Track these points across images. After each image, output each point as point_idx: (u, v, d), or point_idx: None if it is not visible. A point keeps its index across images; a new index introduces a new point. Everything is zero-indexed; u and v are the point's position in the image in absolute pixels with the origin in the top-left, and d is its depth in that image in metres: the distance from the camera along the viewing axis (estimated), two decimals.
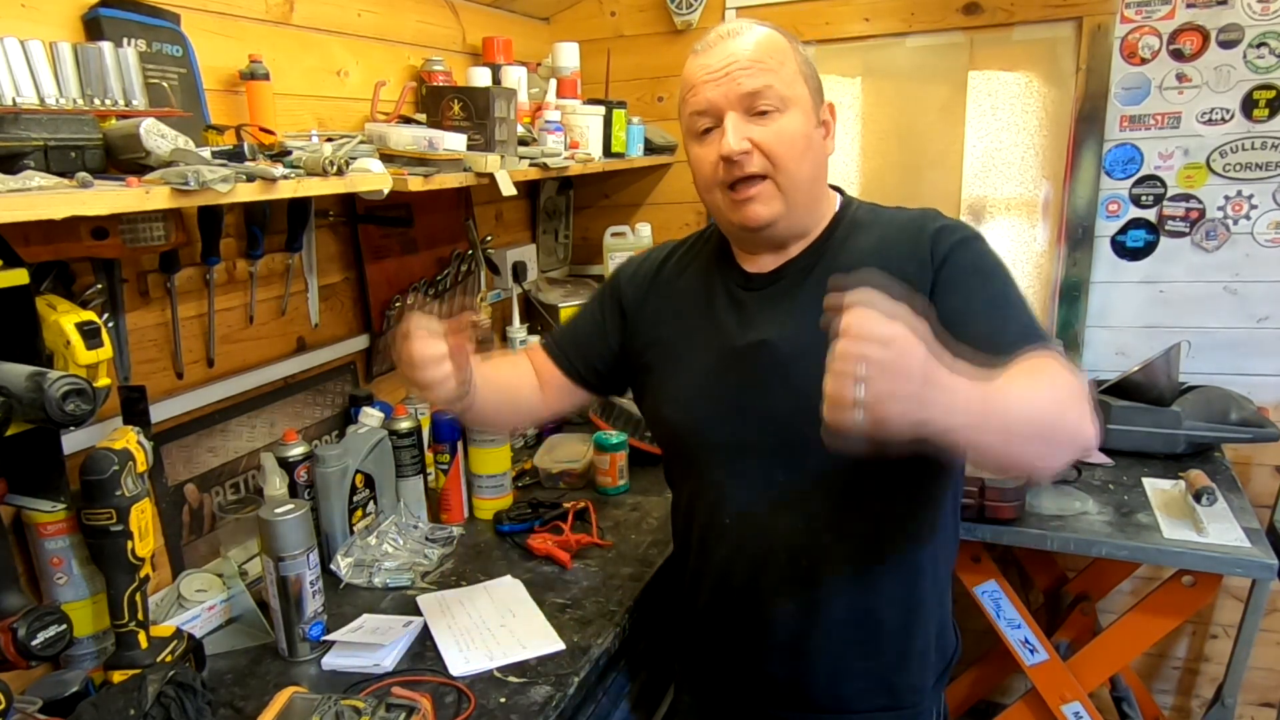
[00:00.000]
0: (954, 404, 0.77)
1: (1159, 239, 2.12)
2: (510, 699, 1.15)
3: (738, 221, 1.09)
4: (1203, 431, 1.87)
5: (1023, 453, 0.86)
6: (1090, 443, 0.89)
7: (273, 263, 1.56)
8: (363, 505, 1.56)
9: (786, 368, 1.07)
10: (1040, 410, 0.85)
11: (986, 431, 0.81)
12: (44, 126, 0.96)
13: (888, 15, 2.21)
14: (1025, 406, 0.84)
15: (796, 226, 1.11)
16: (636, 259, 1.32)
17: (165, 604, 1.31)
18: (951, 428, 0.78)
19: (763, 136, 1.04)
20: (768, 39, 1.06)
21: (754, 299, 1.14)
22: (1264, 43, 1.95)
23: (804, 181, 1.07)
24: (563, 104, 2.03)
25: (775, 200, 1.06)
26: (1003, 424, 0.82)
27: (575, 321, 1.34)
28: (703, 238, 1.27)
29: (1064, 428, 0.87)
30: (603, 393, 1.34)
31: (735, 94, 1.03)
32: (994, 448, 0.84)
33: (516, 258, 2.31)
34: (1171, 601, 1.63)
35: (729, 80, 1.04)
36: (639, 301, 1.25)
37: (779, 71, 1.04)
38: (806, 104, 1.07)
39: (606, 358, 1.28)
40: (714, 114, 1.06)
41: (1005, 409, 0.82)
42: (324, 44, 1.64)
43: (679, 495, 1.26)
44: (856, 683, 1.14)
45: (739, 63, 1.04)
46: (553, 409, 1.32)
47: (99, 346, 1.02)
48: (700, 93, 1.06)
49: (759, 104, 1.04)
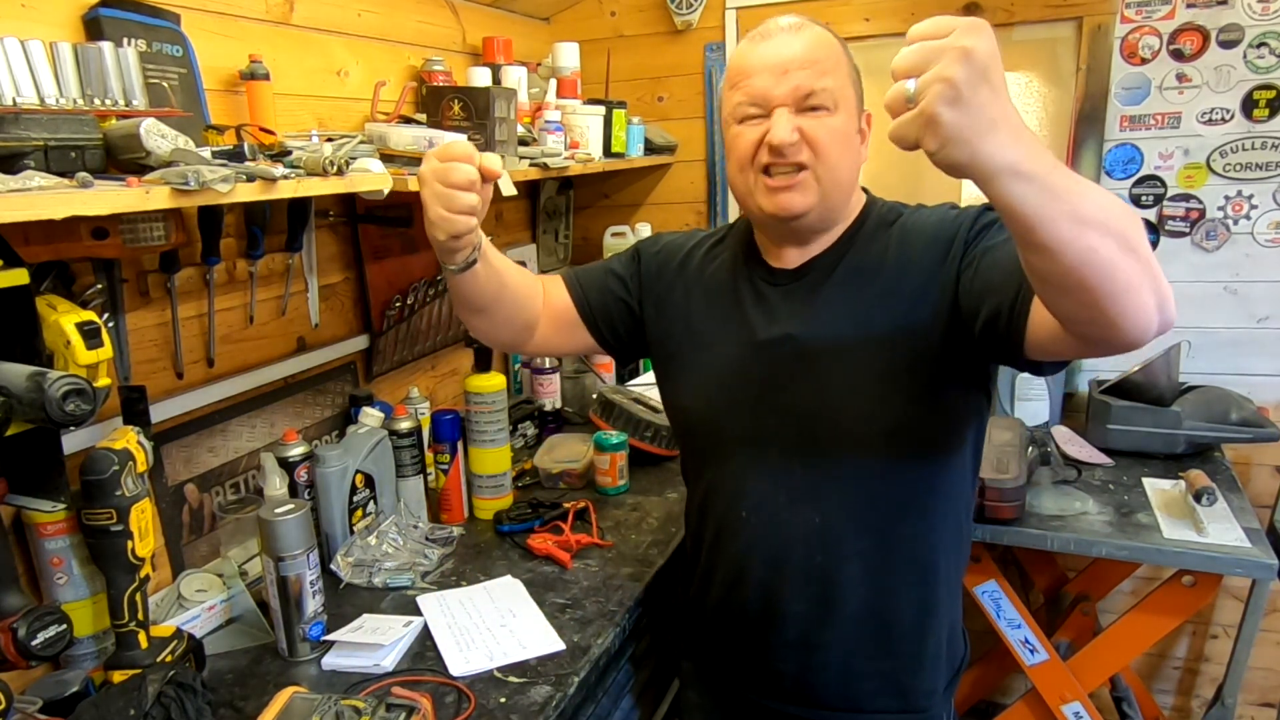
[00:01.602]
0: (1022, 137, 0.68)
1: (1159, 239, 2.12)
2: (510, 699, 1.15)
3: (770, 209, 1.07)
4: (1203, 431, 1.87)
5: (1102, 251, 0.71)
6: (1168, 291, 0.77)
7: (273, 263, 1.56)
8: (363, 505, 1.56)
9: (809, 363, 1.08)
10: (1114, 208, 0.74)
11: (1058, 198, 0.70)
12: (44, 126, 0.96)
13: (888, 15, 2.21)
14: (1099, 193, 0.73)
15: (825, 222, 1.12)
16: (665, 237, 1.32)
17: (165, 604, 1.31)
18: (1020, 166, 0.68)
19: (812, 129, 1.03)
20: (827, 40, 1.07)
21: (779, 294, 1.14)
22: (1264, 43, 1.95)
23: (841, 179, 1.07)
24: (563, 104, 2.03)
25: (811, 192, 1.06)
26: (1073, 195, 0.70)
27: (601, 269, 1.30)
28: (732, 230, 1.27)
29: (1143, 240, 0.75)
30: (604, 345, 1.30)
31: (791, 92, 1.03)
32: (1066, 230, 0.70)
33: (517, 258, 2.29)
34: (1171, 601, 1.63)
35: (787, 77, 1.03)
36: (666, 284, 1.25)
37: (833, 74, 1.05)
38: (853, 108, 1.07)
39: (628, 321, 1.27)
40: (764, 105, 1.05)
41: (1078, 180, 0.72)
42: (324, 44, 1.64)
43: (695, 488, 1.26)
44: (868, 682, 1.14)
45: (799, 60, 1.03)
46: (546, 339, 1.27)
47: (99, 346, 1.02)
48: (755, 82, 1.05)
49: (812, 101, 1.03)
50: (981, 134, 0.66)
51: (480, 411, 1.68)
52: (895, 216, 1.14)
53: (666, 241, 1.30)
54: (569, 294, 1.27)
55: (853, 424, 1.07)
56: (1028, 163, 0.68)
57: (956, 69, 0.65)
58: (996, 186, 0.69)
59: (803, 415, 1.09)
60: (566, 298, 1.27)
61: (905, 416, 1.06)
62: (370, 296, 1.82)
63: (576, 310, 1.26)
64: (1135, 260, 0.73)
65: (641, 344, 1.29)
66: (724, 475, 1.17)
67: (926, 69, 0.67)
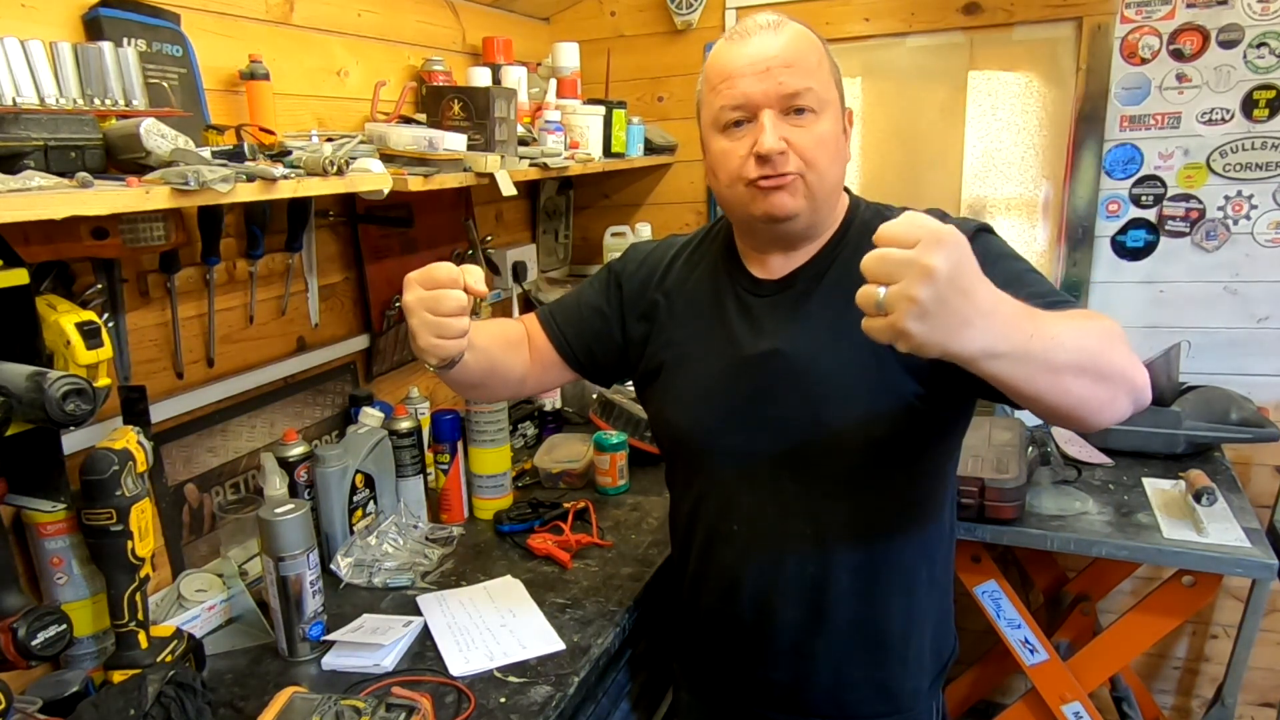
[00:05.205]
0: (993, 325, 0.73)
1: (1159, 239, 2.12)
2: (510, 699, 1.15)
3: (761, 211, 1.04)
4: (1203, 431, 1.87)
5: (1075, 390, 0.81)
6: (1143, 386, 0.87)
7: (273, 263, 1.56)
8: (363, 505, 1.56)
9: (798, 377, 1.07)
10: (1088, 344, 0.81)
11: (1032, 361, 0.77)
12: (44, 126, 0.96)
13: (888, 15, 2.21)
14: (1072, 337, 0.80)
15: (813, 226, 1.10)
16: (641, 250, 1.28)
17: (165, 604, 1.31)
18: (994, 350, 0.74)
19: (800, 139, 1.01)
20: (807, 38, 1.04)
21: (764, 306, 1.12)
22: (1264, 43, 1.95)
23: (832, 184, 1.06)
24: (563, 104, 2.03)
25: (801, 195, 1.04)
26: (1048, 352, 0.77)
27: (575, 302, 1.28)
28: (710, 235, 1.24)
29: (1114, 364, 0.83)
30: (593, 378, 1.30)
31: (775, 92, 1.00)
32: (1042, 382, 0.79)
33: (516, 258, 2.31)
34: (1171, 601, 1.63)
35: (769, 77, 1.00)
36: (649, 301, 1.22)
37: (816, 73, 1.02)
38: (837, 108, 1.05)
39: (610, 348, 1.24)
40: (749, 108, 1.02)
41: (1051, 336, 0.78)
42: (324, 44, 1.64)
43: (682, 499, 1.24)
44: (858, 689, 1.14)
45: (781, 60, 1.00)
46: (539, 382, 1.28)
47: (99, 346, 1.02)
48: (736, 85, 1.01)
49: (797, 103, 1.01)
50: (953, 334, 0.71)
51: (480, 411, 1.68)
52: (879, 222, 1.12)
53: (645, 255, 1.26)
54: (547, 338, 1.25)
55: (843, 437, 1.05)
56: (1002, 344, 0.74)
57: (922, 291, 0.68)
58: (974, 366, 0.75)
59: (792, 429, 1.07)
60: (547, 342, 1.25)
61: (896, 427, 1.05)
62: (370, 296, 1.82)
63: (556, 352, 1.25)
64: (1109, 385, 0.84)
65: (626, 365, 1.26)
66: (713, 487, 1.15)
67: (894, 281, 0.69)
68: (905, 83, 2.27)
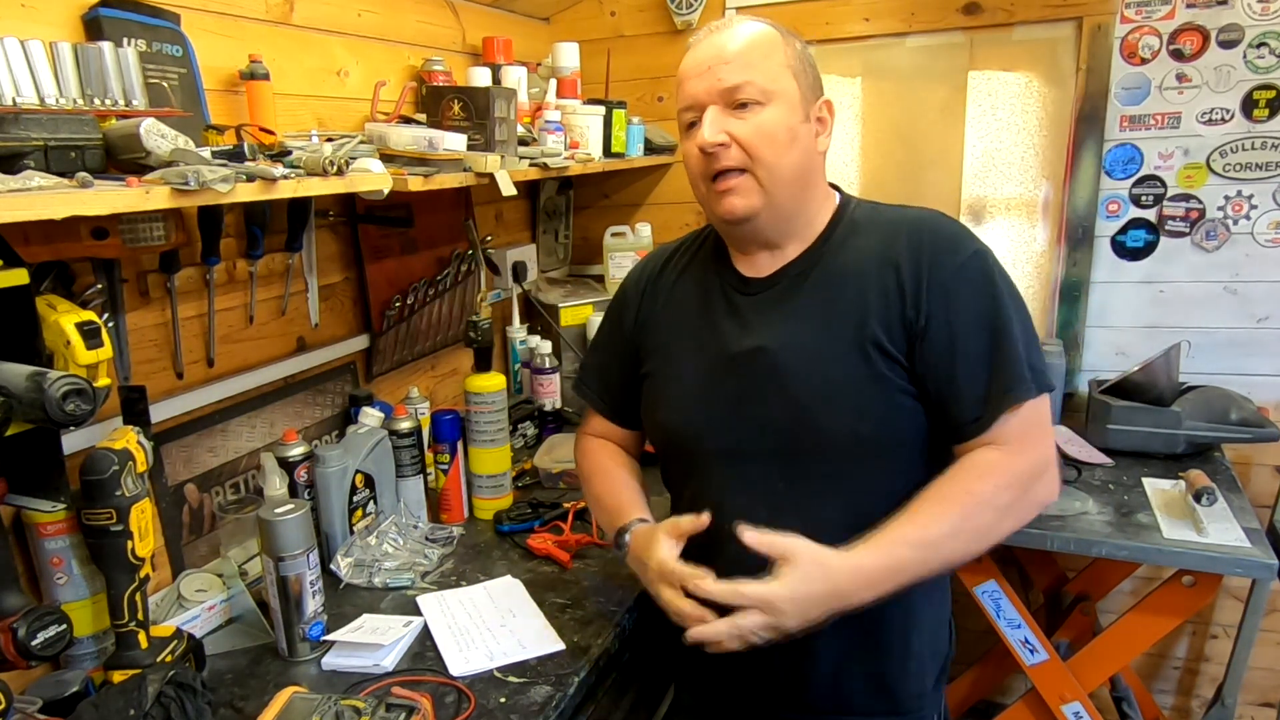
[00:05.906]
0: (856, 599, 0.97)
1: (1159, 239, 2.12)
2: (510, 699, 1.15)
3: (718, 213, 1.10)
4: (1203, 431, 1.87)
5: (968, 558, 1.04)
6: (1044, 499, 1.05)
7: (273, 263, 1.56)
8: (363, 505, 1.56)
9: (784, 375, 1.07)
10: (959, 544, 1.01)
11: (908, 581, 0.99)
12: (44, 126, 0.96)
13: (888, 15, 2.21)
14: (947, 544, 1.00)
15: (783, 224, 1.10)
16: (636, 269, 1.32)
17: (165, 604, 1.31)
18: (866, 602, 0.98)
19: (740, 130, 1.04)
20: (754, 33, 1.06)
21: (751, 304, 1.13)
22: (1264, 43, 1.95)
23: (787, 176, 1.06)
24: (563, 104, 2.03)
25: (754, 194, 1.06)
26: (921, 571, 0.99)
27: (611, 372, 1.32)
28: (699, 238, 1.26)
29: (1000, 528, 1.02)
30: None
31: (715, 89, 1.05)
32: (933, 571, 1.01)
33: (516, 258, 2.31)
34: (1171, 601, 1.63)
35: (710, 75, 1.05)
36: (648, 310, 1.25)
37: (760, 66, 1.04)
38: (793, 98, 1.06)
39: None
40: (698, 108, 1.07)
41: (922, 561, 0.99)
42: (324, 44, 1.64)
43: (677, 499, 1.25)
44: (857, 684, 1.14)
45: (721, 57, 1.05)
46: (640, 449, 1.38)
47: (99, 346, 1.02)
48: (685, 87, 1.08)
49: (738, 97, 1.04)
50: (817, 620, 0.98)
51: (480, 411, 1.68)
52: (870, 219, 1.12)
53: (638, 275, 1.30)
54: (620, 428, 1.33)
55: (831, 434, 1.06)
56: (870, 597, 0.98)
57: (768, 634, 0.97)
58: None
59: (780, 428, 1.08)
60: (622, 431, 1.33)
61: (884, 425, 1.05)
62: (370, 296, 1.82)
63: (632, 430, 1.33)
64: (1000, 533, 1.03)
65: None
66: (705, 488, 1.16)
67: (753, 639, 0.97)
68: (905, 83, 2.27)
